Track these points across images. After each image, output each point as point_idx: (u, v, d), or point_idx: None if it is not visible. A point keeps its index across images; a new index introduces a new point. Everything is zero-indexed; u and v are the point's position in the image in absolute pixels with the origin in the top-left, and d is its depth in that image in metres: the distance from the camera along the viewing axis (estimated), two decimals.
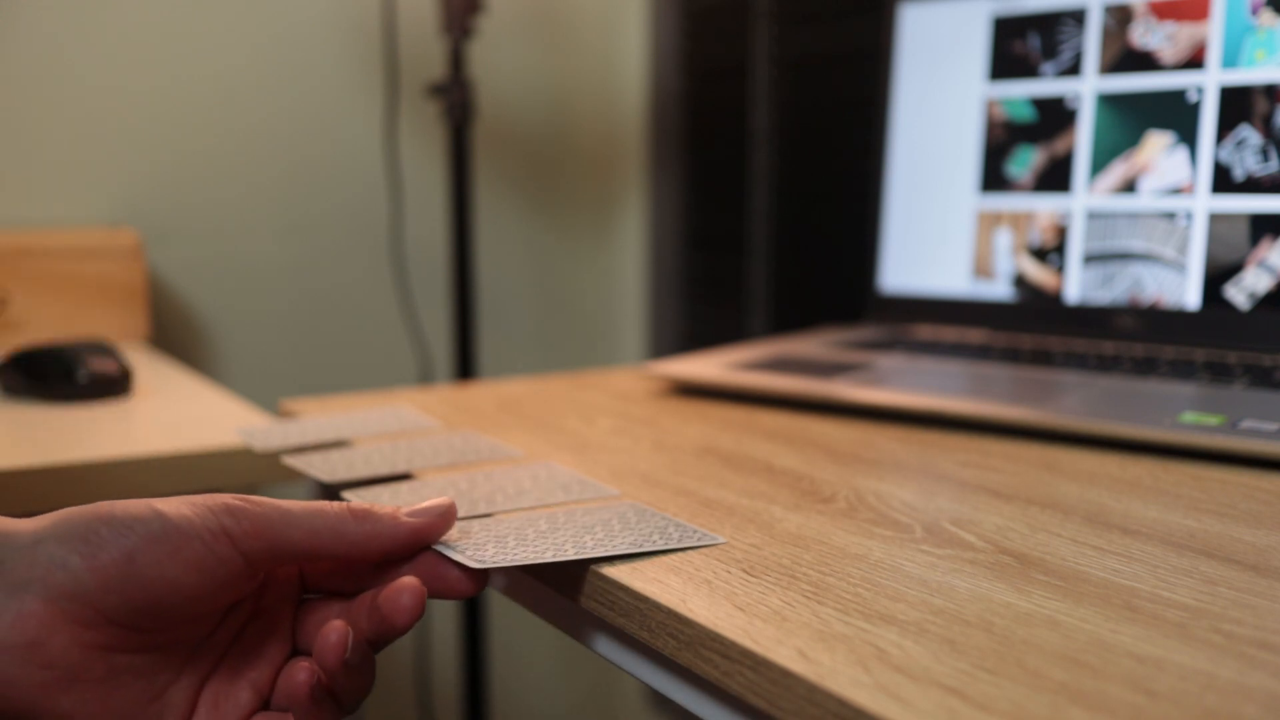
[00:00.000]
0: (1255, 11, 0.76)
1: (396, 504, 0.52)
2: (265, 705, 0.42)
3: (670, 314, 1.64)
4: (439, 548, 0.43)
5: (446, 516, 0.43)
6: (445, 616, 1.52)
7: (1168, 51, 0.80)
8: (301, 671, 0.40)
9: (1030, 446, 0.62)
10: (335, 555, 0.41)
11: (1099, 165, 0.83)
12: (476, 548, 0.43)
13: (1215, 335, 0.77)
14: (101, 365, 0.87)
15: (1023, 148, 0.87)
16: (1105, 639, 0.36)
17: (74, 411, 0.83)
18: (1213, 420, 0.60)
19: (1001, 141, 0.89)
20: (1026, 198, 0.87)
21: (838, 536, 0.47)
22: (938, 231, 0.92)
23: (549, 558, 0.43)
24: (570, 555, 0.43)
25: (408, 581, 0.40)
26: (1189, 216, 0.78)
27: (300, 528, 0.40)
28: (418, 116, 1.44)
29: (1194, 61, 0.78)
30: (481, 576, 0.42)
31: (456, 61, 1.26)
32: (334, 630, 0.39)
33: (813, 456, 0.61)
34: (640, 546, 0.45)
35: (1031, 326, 0.86)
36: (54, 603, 0.36)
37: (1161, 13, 0.80)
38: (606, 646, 0.46)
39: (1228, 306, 0.76)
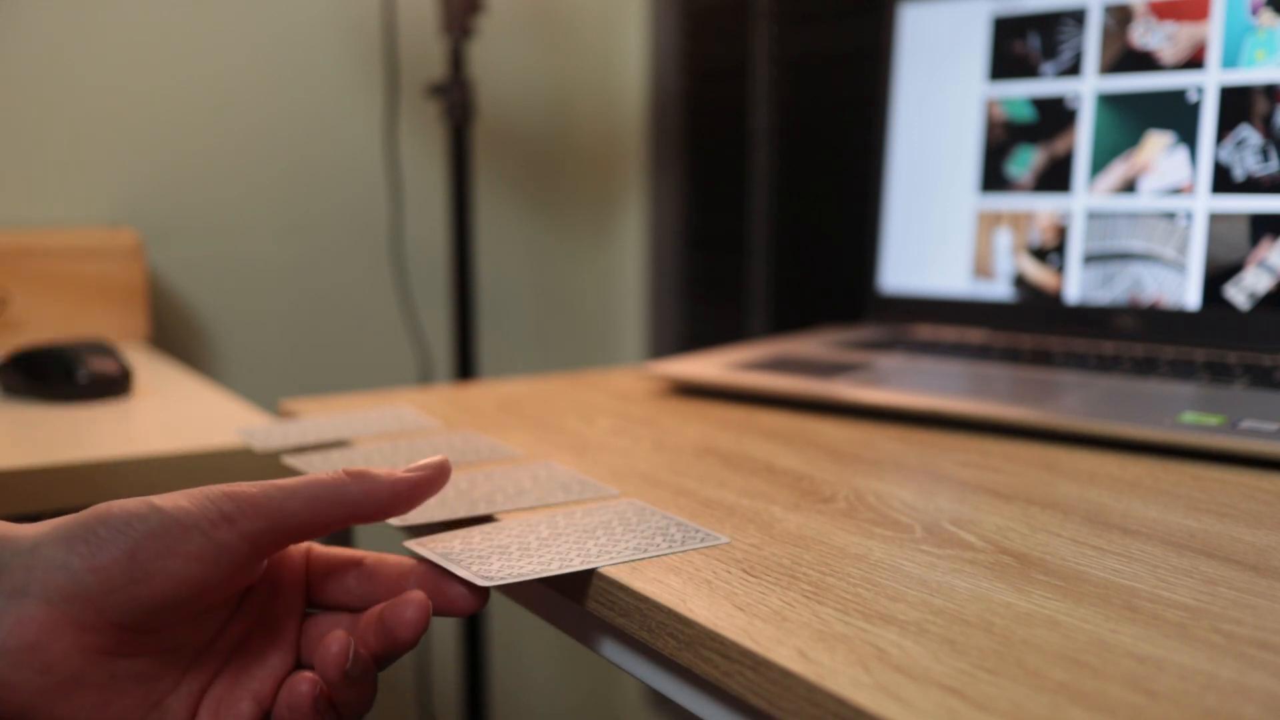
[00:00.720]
0: (1255, 11, 0.76)
1: None
2: (266, 718, 0.42)
3: (670, 314, 1.64)
4: (444, 562, 0.43)
5: (443, 470, 0.42)
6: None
7: (1168, 51, 0.80)
8: (304, 683, 0.40)
9: (1030, 446, 0.62)
10: (337, 519, 0.40)
11: (1099, 165, 0.83)
12: (481, 561, 0.43)
13: (1215, 335, 0.77)
14: (101, 365, 0.87)
15: (1023, 148, 0.87)
16: (1105, 639, 0.36)
17: (74, 411, 0.83)
18: (1213, 420, 0.60)
19: (1001, 141, 0.89)
20: (1026, 198, 0.87)
21: (838, 536, 0.47)
22: (938, 231, 0.92)
23: (555, 569, 0.43)
24: (576, 566, 0.43)
25: (413, 595, 0.40)
26: (1189, 216, 0.78)
27: (298, 497, 0.39)
28: (418, 116, 1.44)
29: (1194, 61, 0.78)
30: (483, 593, 0.42)
31: (456, 61, 1.26)
32: (335, 640, 0.39)
33: (813, 456, 0.61)
34: (645, 552, 0.45)
35: (1031, 326, 0.86)
36: (55, 606, 0.36)
37: (1161, 13, 0.80)
38: (607, 647, 0.46)
39: (1228, 306, 0.76)
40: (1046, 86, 0.86)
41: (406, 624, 0.40)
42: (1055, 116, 0.85)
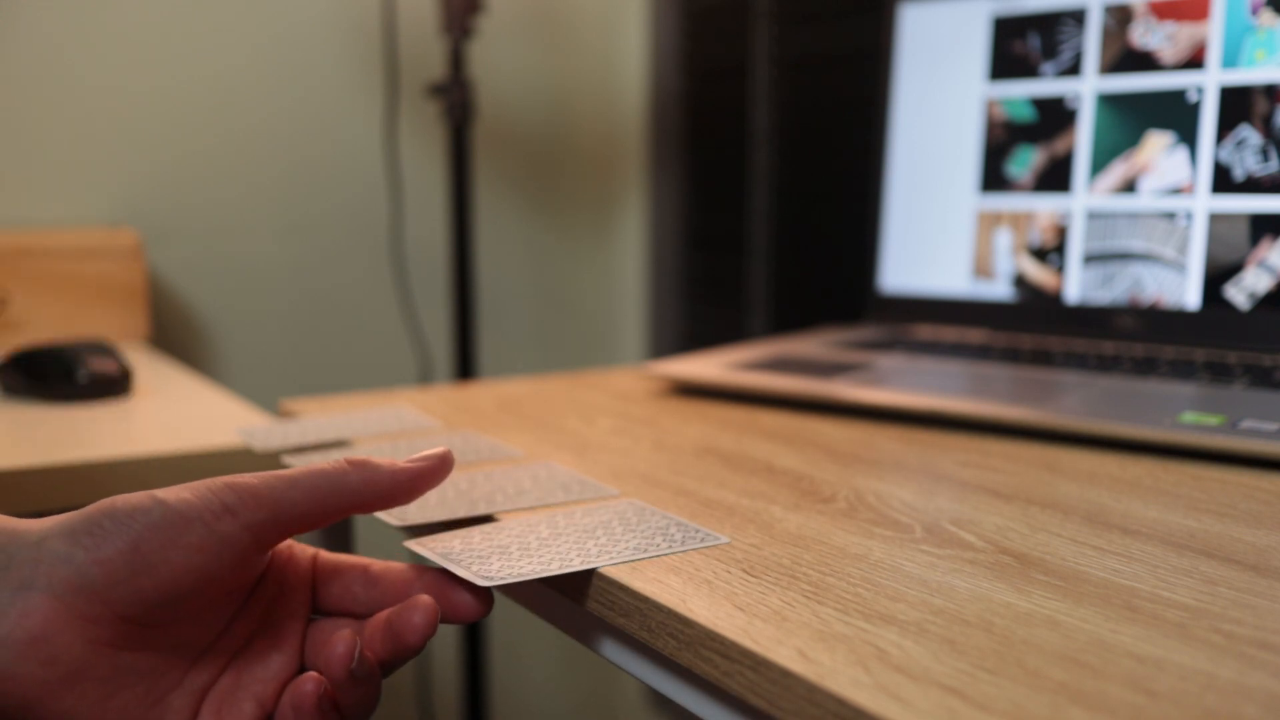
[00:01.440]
0: (1255, 11, 0.76)
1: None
2: None
3: (670, 314, 1.64)
4: (444, 562, 0.43)
5: (445, 462, 0.42)
6: None
7: (1168, 51, 0.80)
8: (309, 683, 0.40)
9: (1030, 446, 0.62)
10: (338, 509, 0.40)
11: (1099, 165, 0.83)
12: (481, 561, 0.43)
13: (1215, 335, 0.77)
14: (101, 365, 0.87)
15: (1023, 148, 0.87)
16: (1105, 639, 0.36)
17: (74, 411, 0.83)
18: (1213, 420, 0.60)
19: (1001, 141, 0.89)
20: (1026, 198, 0.87)
21: (838, 536, 0.47)
22: (938, 231, 0.92)
23: (555, 569, 0.43)
24: (576, 566, 0.43)
25: (421, 600, 0.40)
26: (1189, 216, 0.78)
27: (301, 488, 0.39)
28: (418, 116, 1.44)
29: (1194, 61, 0.78)
30: (488, 598, 0.42)
31: (456, 61, 1.26)
32: (341, 640, 0.39)
33: (813, 456, 0.61)
34: (645, 552, 0.45)
35: (1031, 326, 0.86)
36: (59, 599, 0.36)
37: (1161, 13, 0.80)
38: (607, 647, 0.46)
39: (1228, 306, 0.76)
40: (1046, 86, 0.86)
41: (414, 629, 0.40)
42: (1055, 116, 0.85)
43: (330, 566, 0.44)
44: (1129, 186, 0.81)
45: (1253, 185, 0.76)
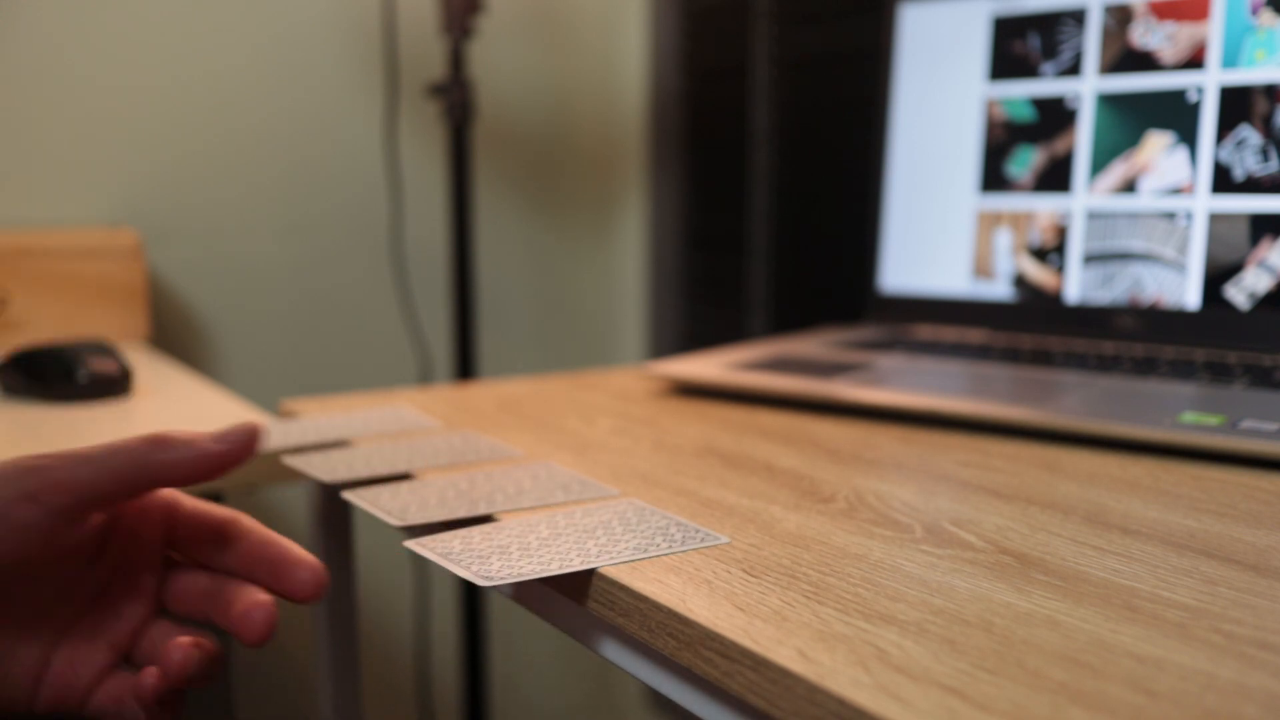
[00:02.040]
0: (1255, 11, 0.76)
1: (397, 503, 0.52)
2: (127, 660, 0.42)
3: (670, 314, 1.64)
4: (444, 562, 0.43)
5: (251, 438, 0.43)
6: (445, 616, 1.52)
7: (1168, 51, 0.80)
8: (150, 676, 0.41)
9: (1030, 446, 0.62)
10: (142, 485, 0.41)
11: (1099, 165, 0.83)
12: (481, 561, 0.43)
13: (1215, 335, 0.77)
14: (101, 365, 0.87)
15: (1023, 148, 0.87)
16: (1105, 639, 0.36)
17: (74, 411, 0.83)
18: (1213, 420, 0.60)
19: (1001, 141, 0.89)
20: (1026, 198, 0.87)
21: (838, 536, 0.47)
22: (938, 231, 0.92)
23: (555, 569, 0.43)
24: (576, 566, 0.43)
25: (260, 600, 0.41)
26: (1189, 216, 0.78)
27: (102, 468, 0.40)
28: (418, 116, 1.44)
29: (1194, 61, 0.78)
30: (323, 580, 0.42)
31: (456, 61, 1.26)
32: (177, 648, 0.40)
33: (813, 456, 0.61)
34: (645, 552, 0.45)
35: (1031, 326, 0.86)
36: None
37: (1161, 13, 0.80)
38: (607, 647, 0.46)
39: (1228, 306, 0.76)
40: (1046, 86, 0.86)
41: (253, 628, 0.41)
42: (1055, 116, 0.85)
43: (189, 518, 0.45)
44: (1129, 186, 0.81)
45: (1253, 185, 0.76)
